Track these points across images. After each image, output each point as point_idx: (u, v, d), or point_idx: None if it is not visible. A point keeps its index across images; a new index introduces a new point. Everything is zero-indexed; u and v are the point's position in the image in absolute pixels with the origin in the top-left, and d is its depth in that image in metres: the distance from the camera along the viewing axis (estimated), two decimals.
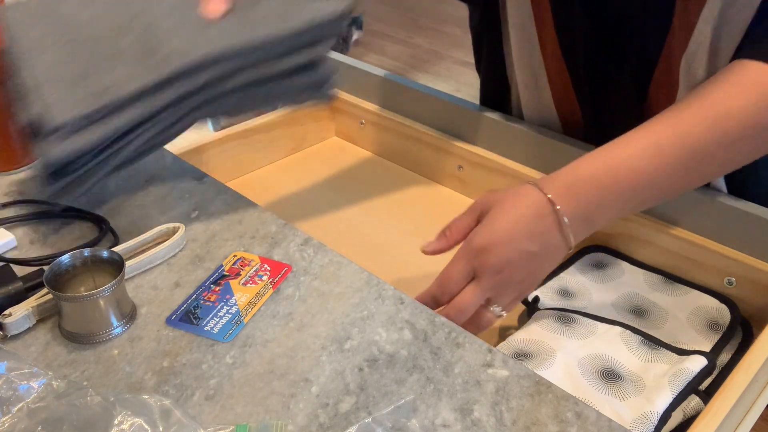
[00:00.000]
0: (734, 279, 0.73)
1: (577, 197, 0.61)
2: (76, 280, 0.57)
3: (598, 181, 0.61)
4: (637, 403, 0.58)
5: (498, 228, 0.61)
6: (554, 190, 0.61)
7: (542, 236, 0.60)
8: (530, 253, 0.61)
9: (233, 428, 0.47)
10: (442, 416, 0.49)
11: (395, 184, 0.97)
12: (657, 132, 0.61)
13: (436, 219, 0.89)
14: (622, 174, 0.61)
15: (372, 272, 0.62)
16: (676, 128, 0.61)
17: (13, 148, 0.75)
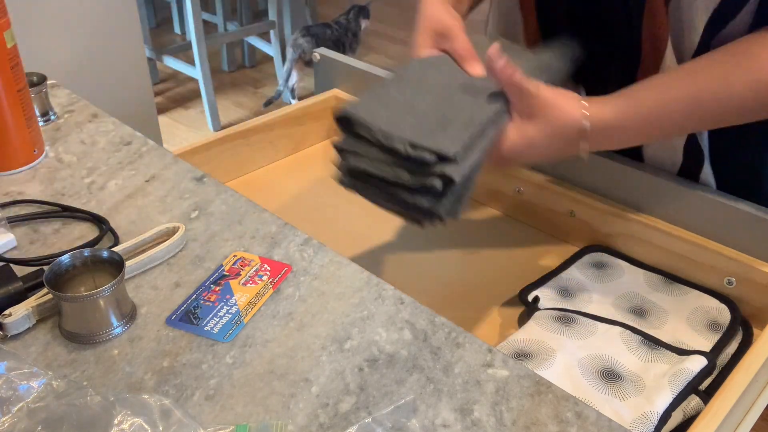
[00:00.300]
0: (734, 279, 0.73)
1: (608, 140, 0.67)
2: (76, 280, 0.56)
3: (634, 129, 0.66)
4: (637, 403, 0.58)
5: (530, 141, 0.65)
6: (592, 122, 0.65)
7: (563, 151, 0.67)
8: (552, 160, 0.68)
9: (233, 428, 0.47)
10: (442, 416, 0.49)
11: None
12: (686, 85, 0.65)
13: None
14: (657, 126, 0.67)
15: (372, 272, 0.62)
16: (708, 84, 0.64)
17: (13, 148, 0.75)
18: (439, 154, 0.58)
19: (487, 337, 0.71)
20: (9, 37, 0.70)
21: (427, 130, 0.61)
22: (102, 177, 0.75)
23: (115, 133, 0.83)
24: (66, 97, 0.91)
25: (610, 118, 0.65)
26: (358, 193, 0.65)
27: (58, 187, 0.73)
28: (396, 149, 0.59)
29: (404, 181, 0.59)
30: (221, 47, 3.30)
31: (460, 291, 0.79)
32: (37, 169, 0.76)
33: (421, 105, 0.65)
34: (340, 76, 1.06)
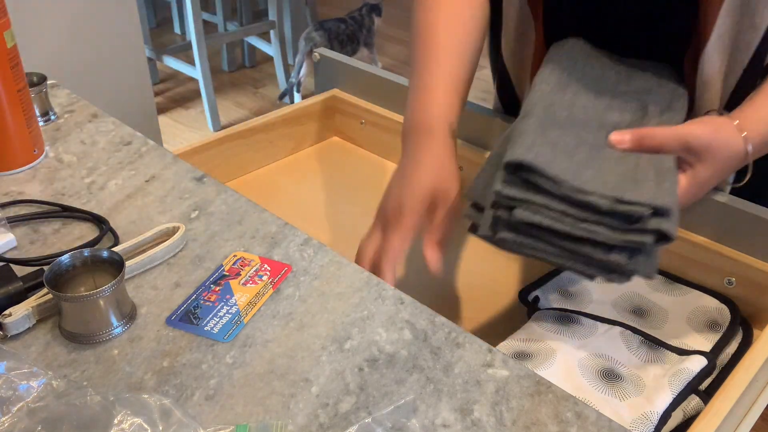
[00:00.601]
0: (734, 279, 0.73)
1: (762, 149, 0.64)
2: (76, 280, 0.56)
3: None
4: (637, 403, 0.58)
5: (702, 183, 0.63)
6: (752, 142, 0.63)
7: (729, 174, 0.66)
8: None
9: (233, 428, 0.47)
10: (442, 416, 0.49)
11: None
12: None
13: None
14: None
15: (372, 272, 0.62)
16: None
17: (13, 148, 0.75)
18: (657, 207, 0.54)
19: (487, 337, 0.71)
20: (9, 37, 0.70)
21: (617, 182, 0.57)
22: (102, 177, 0.75)
23: (115, 133, 0.83)
24: (66, 97, 0.91)
25: (765, 132, 0.64)
26: (515, 250, 0.60)
27: (58, 187, 0.73)
28: (596, 205, 0.55)
29: (601, 238, 0.55)
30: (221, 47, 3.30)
31: (460, 291, 0.79)
32: (37, 169, 0.76)
33: (592, 151, 0.60)
34: (340, 76, 1.06)
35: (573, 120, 0.64)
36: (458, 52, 0.76)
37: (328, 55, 1.07)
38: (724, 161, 0.63)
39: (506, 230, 0.59)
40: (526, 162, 0.56)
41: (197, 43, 2.67)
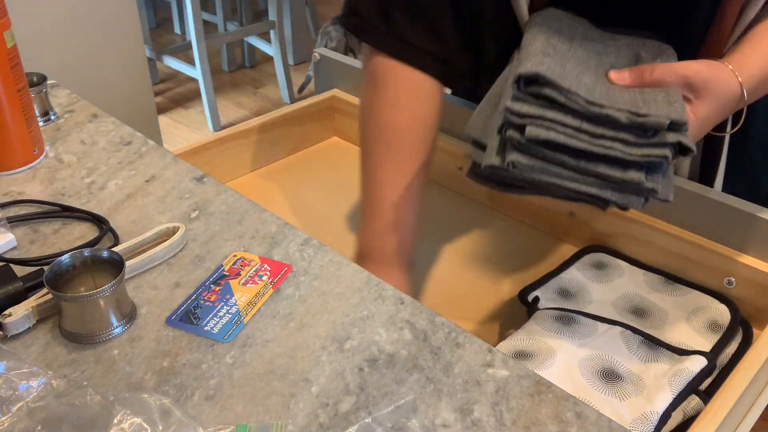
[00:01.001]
0: (734, 279, 0.73)
1: (755, 94, 0.65)
2: (76, 280, 0.56)
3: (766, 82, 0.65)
4: (637, 403, 0.58)
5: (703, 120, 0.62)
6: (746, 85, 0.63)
7: (723, 118, 0.65)
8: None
9: (233, 428, 0.47)
10: (442, 416, 0.49)
11: None
12: None
13: (436, 219, 0.89)
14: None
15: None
16: None
17: (13, 148, 0.75)
18: (674, 120, 0.52)
19: (487, 337, 0.71)
20: (9, 37, 0.70)
21: (629, 99, 0.55)
22: (102, 177, 0.75)
23: (115, 133, 0.83)
24: (66, 97, 0.91)
25: (759, 75, 0.64)
26: (526, 173, 0.56)
27: (58, 187, 0.73)
28: (614, 118, 0.52)
29: (618, 154, 0.52)
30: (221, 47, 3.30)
31: (460, 291, 0.79)
32: (37, 169, 0.76)
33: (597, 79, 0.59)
34: (340, 76, 1.06)
35: (575, 55, 0.62)
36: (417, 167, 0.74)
37: (328, 56, 1.07)
38: (723, 99, 0.62)
39: (516, 152, 0.55)
40: (540, 73, 0.54)
41: (197, 43, 2.67)
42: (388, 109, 0.74)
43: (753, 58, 0.65)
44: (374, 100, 0.75)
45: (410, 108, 0.75)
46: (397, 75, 0.74)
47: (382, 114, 0.74)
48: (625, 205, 0.55)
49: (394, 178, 0.74)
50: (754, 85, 0.65)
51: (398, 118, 0.74)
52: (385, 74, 0.74)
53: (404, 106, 0.75)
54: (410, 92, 0.75)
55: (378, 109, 0.75)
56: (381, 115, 0.74)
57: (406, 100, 0.75)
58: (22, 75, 0.73)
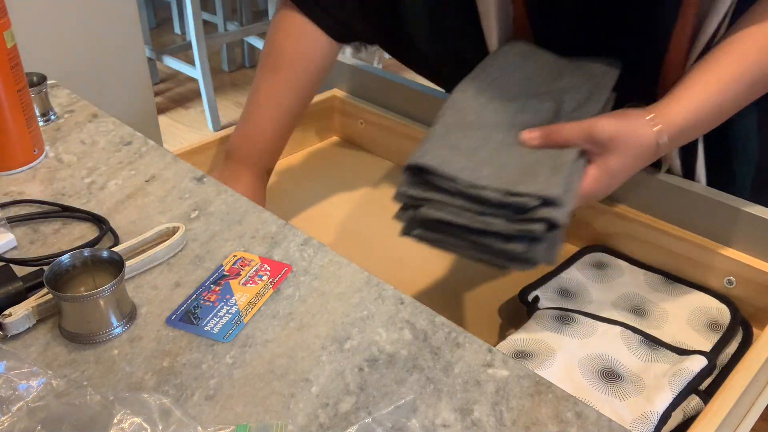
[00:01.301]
0: (734, 279, 0.73)
1: (680, 140, 0.67)
2: (76, 280, 0.56)
3: (702, 122, 0.67)
4: (637, 403, 0.58)
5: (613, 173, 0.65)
6: (668, 134, 0.65)
7: (643, 167, 0.66)
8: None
9: (233, 428, 0.47)
10: (442, 416, 0.49)
11: (395, 184, 0.97)
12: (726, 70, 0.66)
13: None
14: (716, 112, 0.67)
15: (372, 272, 0.62)
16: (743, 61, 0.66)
17: (13, 148, 0.75)
18: (544, 198, 0.57)
19: (487, 337, 0.71)
20: (9, 37, 0.70)
21: (513, 176, 0.60)
22: (102, 177, 0.75)
23: (115, 133, 0.83)
24: (66, 97, 0.91)
25: (681, 124, 0.65)
26: (431, 245, 0.63)
27: (58, 187, 0.73)
28: (487, 198, 0.58)
29: (497, 229, 0.58)
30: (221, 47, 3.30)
31: (460, 291, 0.79)
32: (37, 169, 0.76)
33: (495, 150, 0.64)
34: (340, 76, 1.06)
35: (482, 122, 0.67)
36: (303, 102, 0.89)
37: None
38: (634, 151, 0.64)
39: (418, 228, 0.63)
40: (420, 164, 0.61)
41: (197, 43, 2.67)
42: (281, 39, 0.88)
43: (681, 104, 0.66)
44: (272, 35, 0.88)
45: (298, 45, 0.88)
46: (294, 22, 0.87)
47: (275, 43, 0.88)
48: (519, 269, 0.61)
49: (267, 92, 0.87)
50: (677, 133, 0.65)
51: (286, 48, 0.88)
52: (284, 20, 0.88)
53: (294, 42, 0.87)
54: (301, 36, 0.88)
55: (273, 40, 0.88)
56: (274, 43, 0.88)
57: (296, 38, 0.88)
58: (22, 75, 0.73)
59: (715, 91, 0.66)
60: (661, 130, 0.64)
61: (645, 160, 0.65)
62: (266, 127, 0.87)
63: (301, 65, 0.87)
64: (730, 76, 0.66)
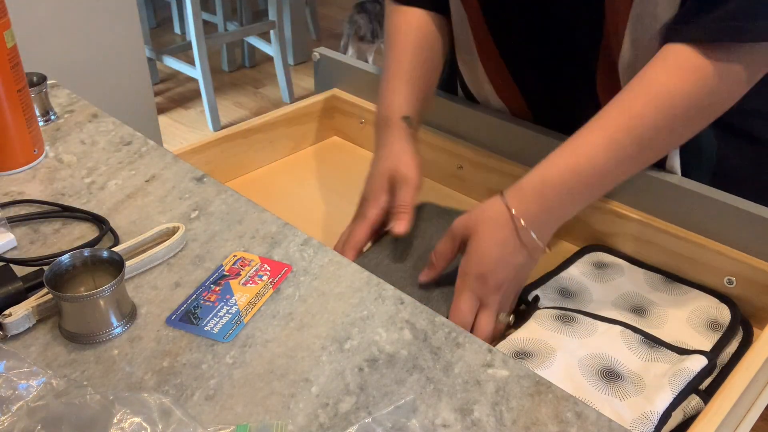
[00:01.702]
0: (734, 279, 0.73)
1: (545, 207, 0.67)
2: (76, 280, 0.56)
3: (564, 184, 0.66)
4: (637, 403, 0.58)
5: (485, 254, 0.67)
6: (523, 205, 0.67)
7: (521, 253, 0.67)
8: (520, 264, 0.68)
9: (233, 428, 0.47)
10: (442, 416, 0.49)
11: None
12: (611, 126, 0.66)
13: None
14: (584, 173, 0.66)
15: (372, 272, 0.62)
16: (629, 120, 0.66)
17: (13, 148, 0.75)
18: None
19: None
20: (9, 37, 0.70)
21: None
22: (102, 177, 0.75)
23: (115, 133, 0.83)
24: (66, 97, 0.91)
25: (530, 188, 0.67)
26: None
27: (58, 187, 0.73)
28: None
29: None
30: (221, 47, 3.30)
31: None
32: (37, 169, 0.76)
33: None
34: (340, 76, 1.06)
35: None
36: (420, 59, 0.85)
37: (328, 55, 1.07)
38: (492, 230, 0.67)
39: None
40: None
41: (197, 43, 2.67)
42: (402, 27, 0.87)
43: (536, 170, 0.68)
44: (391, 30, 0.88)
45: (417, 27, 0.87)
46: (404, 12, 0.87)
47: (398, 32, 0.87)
48: None
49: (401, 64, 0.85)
50: (532, 211, 0.66)
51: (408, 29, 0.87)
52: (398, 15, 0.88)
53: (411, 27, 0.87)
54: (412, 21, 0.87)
55: (393, 31, 0.87)
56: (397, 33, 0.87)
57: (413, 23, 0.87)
58: (22, 75, 0.73)
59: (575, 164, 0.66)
60: (509, 197, 0.67)
61: (513, 235, 0.66)
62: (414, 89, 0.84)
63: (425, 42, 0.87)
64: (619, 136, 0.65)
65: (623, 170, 0.68)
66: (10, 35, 0.70)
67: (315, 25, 3.64)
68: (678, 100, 0.64)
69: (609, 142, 0.65)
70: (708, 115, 0.67)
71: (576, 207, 0.69)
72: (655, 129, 0.65)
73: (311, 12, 3.56)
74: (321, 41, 3.65)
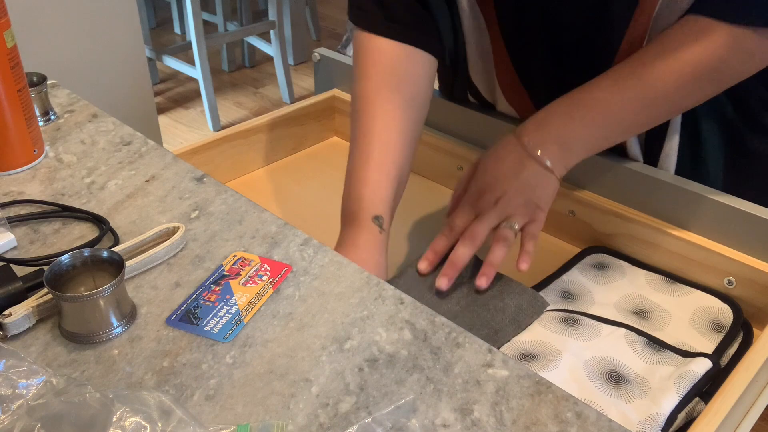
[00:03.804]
0: (734, 279, 0.73)
1: (547, 129, 0.71)
2: (76, 280, 0.56)
3: (565, 113, 0.71)
4: (643, 405, 0.58)
5: (487, 173, 0.71)
6: (526, 129, 0.72)
7: (524, 167, 0.70)
8: (520, 182, 0.70)
9: (234, 428, 0.47)
10: (442, 416, 0.49)
11: None
12: (618, 70, 0.70)
13: (436, 219, 0.89)
14: (585, 103, 0.71)
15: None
16: (636, 68, 0.69)
17: (13, 148, 0.75)
18: None
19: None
20: (9, 37, 0.70)
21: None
22: (102, 177, 0.75)
23: (115, 133, 0.83)
24: (66, 97, 0.91)
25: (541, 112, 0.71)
26: None
27: (58, 187, 0.73)
28: None
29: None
30: (221, 47, 3.30)
31: None
32: (37, 169, 0.76)
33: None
34: (340, 76, 1.06)
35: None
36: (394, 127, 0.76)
37: (328, 55, 1.07)
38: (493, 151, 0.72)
39: None
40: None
41: (197, 43, 2.67)
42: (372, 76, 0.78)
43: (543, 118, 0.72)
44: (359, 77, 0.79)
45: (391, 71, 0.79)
46: (380, 48, 0.79)
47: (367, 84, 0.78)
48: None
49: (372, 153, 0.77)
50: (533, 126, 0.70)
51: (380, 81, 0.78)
52: (367, 49, 0.79)
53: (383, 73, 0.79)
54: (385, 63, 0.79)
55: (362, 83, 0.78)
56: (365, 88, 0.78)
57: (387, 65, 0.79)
58: (22, 75, 0.73)
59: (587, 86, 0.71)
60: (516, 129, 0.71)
61: (507, 148, 0.71)
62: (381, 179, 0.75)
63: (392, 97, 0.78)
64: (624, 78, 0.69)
65: (629, 108, 0.70)
66: (10, 35, 0.70)
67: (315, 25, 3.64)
68: (688, 58, 0.67)
69: (610, 81, 0.69)
70: (717, 81, 0.69)
71: (578, 134, 0.71)
72: (662, 80, 0.68)
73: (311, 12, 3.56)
74: (321, 41, 3.65)
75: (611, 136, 0.72)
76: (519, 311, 0.69)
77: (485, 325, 0.67)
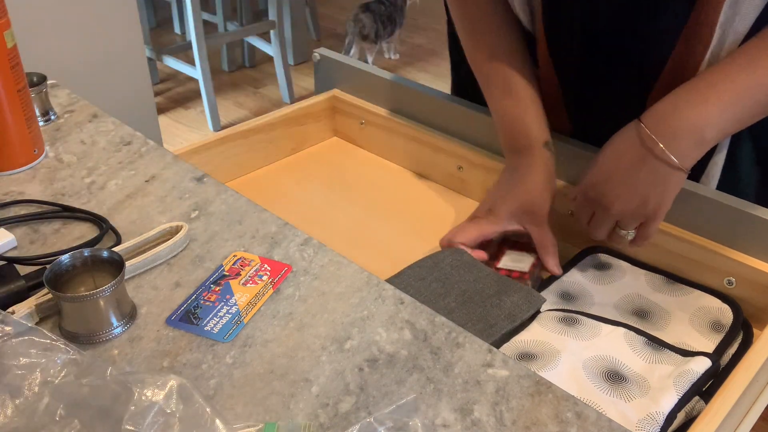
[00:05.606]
0: (734, 279, 0.72)
1: (676, 120, 0.66)
2: (76, 280, 0.56)
3: (697, 99, 0.65)
4: (642, 404, 0.58)
5: (600, 167, 0.70)
6: (649, 122, 0.67)
7: (644, 164, 0.67)
8: (638, 182, 0.68)
9: (261, 426, 0.47)
10: (442, 416, 0.49)
11: (395, 184, 0.97)
12: (745, 51, 0.66)
13: (436, 219, 0.89)
14: (720, 86, 0.65)
15: (372, 272, 0.62)
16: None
17: (13, 148, 0.75)
18: None
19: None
20: (9, 37, 0.70)
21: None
22: (102, 177, 0.75)
23: (115, 133, 0.83)
24: (66, 97, 0.91)
25: (669, 99, 0.66)
26: None
27: (58, 187, 0.73)
28: None
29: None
30: (221, 47, 3.30)
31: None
32: (37, 169, 0.76)
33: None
34: (340, 76, 1.06)
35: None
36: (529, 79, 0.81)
37: (329, 56, 1.07)
38: (613, 143, 0.70)
39: None
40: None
41: (197, 43, 2.67)
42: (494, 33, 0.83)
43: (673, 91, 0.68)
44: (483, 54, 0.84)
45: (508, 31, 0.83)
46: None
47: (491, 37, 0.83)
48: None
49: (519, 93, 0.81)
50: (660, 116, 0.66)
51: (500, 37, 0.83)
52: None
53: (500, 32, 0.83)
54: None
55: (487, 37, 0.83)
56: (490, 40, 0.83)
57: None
58: (22, 75, 0.73)
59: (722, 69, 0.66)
60: (642, 116, 0.67)
61: (627, 142, 0.68)
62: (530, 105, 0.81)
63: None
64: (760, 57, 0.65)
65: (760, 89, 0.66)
66: (10, 35, 0.70)
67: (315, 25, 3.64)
68: None
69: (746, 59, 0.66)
70: None
71: (715, 116, 0.66)
72: None
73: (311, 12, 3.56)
74: (321, 41, 3.65)
75: (744, 118, 0.68)
76: (515, 306, 0.69)
77: (481, 320, 0.67)
